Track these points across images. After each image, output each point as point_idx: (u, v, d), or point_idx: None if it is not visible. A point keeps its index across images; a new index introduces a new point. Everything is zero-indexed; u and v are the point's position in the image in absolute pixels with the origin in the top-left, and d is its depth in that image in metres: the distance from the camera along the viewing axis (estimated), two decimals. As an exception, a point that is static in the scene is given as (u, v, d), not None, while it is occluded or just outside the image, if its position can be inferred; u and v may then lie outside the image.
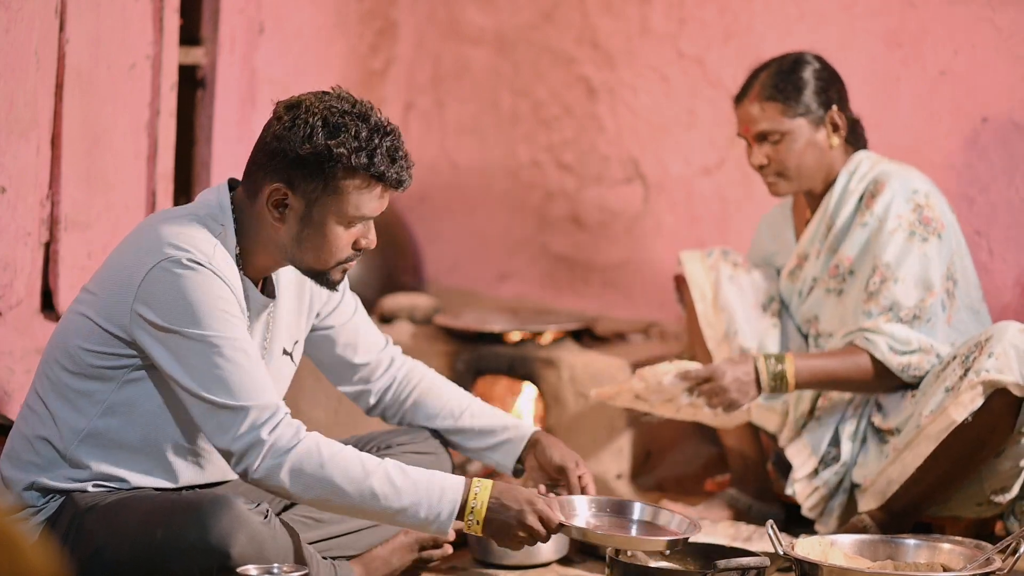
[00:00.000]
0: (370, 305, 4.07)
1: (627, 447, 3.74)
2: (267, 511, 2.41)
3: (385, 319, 4.08)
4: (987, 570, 2.54)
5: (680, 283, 3.44)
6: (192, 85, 3.73)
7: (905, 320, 3.08)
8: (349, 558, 2.74)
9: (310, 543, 2.60)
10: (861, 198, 3.17)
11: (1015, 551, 2.57)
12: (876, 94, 3.34)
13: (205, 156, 3.75)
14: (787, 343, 3.36)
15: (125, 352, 2.44)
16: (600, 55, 4.23)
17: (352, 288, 3.95)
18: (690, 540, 2.62)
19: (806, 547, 2.68)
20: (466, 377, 3.84)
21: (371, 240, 2.54)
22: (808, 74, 3.17)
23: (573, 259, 4.35)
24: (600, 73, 4.24)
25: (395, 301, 4.10)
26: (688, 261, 3.39)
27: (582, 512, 2.70)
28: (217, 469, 2.57)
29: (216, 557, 2.34)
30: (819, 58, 3.22)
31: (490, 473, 3.33)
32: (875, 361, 3.08)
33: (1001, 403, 2.91)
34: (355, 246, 2.53)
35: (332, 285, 2.57)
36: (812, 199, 3.27)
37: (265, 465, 2.38)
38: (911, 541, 2.73)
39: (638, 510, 2.72)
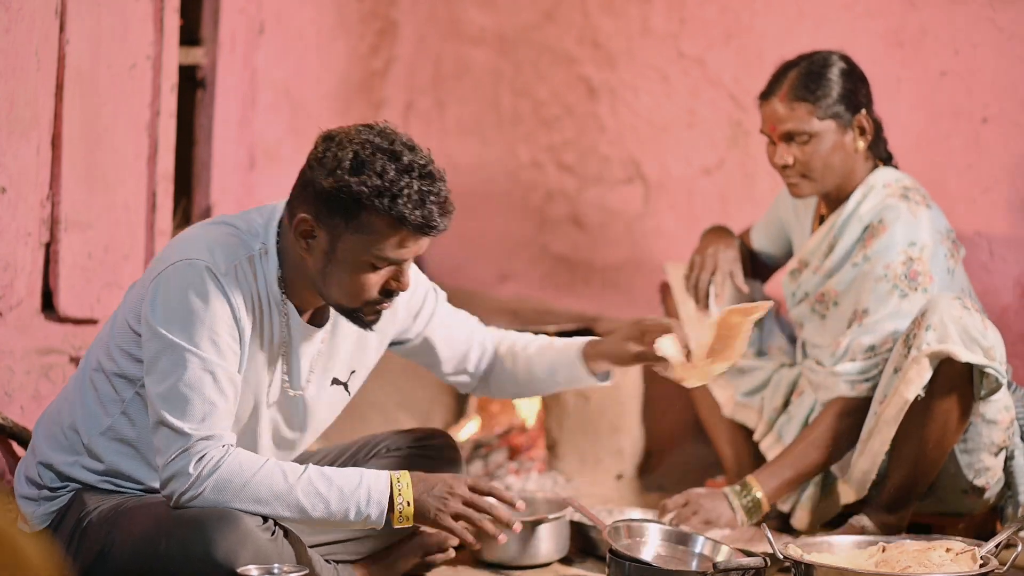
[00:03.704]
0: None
1: (628, 447, 3.74)
2: (274, 528, 2.39)
3: (385, 319, 4.07)
4: (984, 571, 2.54)
5: (665, 291, 3.52)
6: (192, 85, 3.73)
7: (862, 358, 3.08)
8: (353, 562, 2.74)
9: (314, 546, 2.60)
10: (865, 229, 3.14)
11: (1008, 546, 2.57)
12: (877, 94, 3.32)
13: (205, 156, 3.75)
14: (765, 346, 3.40)
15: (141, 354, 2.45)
16: (601, 55, 4.23)
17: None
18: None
19: (801, 547, 2.68)
20: (466, 377, 3.83)
21: (403, 283, 2.43)
22: (838, 75, 3.13)
23: (573, 259, 4.34)
24: (601, 73, 4.24)
25: (395, 301, 4.10)
26: (672, 272, 3.45)
27: (652, 539, 2.77)
28: None
29: (220, 572, 2.33)
30: (847, 58, 3.18)
31: None
32: (840, 411, 3.07)
33: (951, 373, 2.91)
34: (385, 287, 2.43)
35: (365, 325, 2.48)
36: (829, 201, 3.26)
37: (188, 495, 2.36)
38: (907, 541, 2.72)
39: (700, 544, 2.78)
